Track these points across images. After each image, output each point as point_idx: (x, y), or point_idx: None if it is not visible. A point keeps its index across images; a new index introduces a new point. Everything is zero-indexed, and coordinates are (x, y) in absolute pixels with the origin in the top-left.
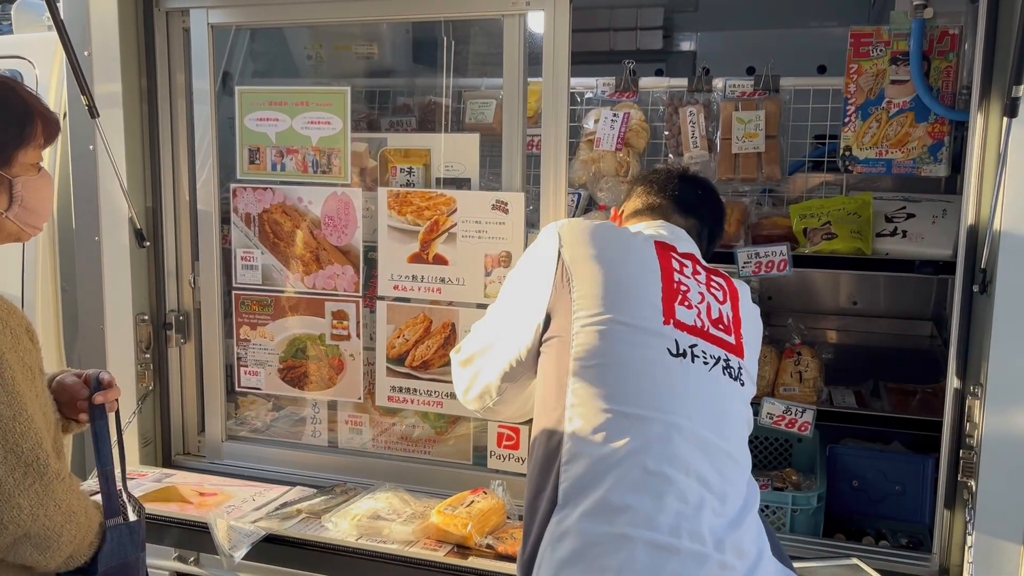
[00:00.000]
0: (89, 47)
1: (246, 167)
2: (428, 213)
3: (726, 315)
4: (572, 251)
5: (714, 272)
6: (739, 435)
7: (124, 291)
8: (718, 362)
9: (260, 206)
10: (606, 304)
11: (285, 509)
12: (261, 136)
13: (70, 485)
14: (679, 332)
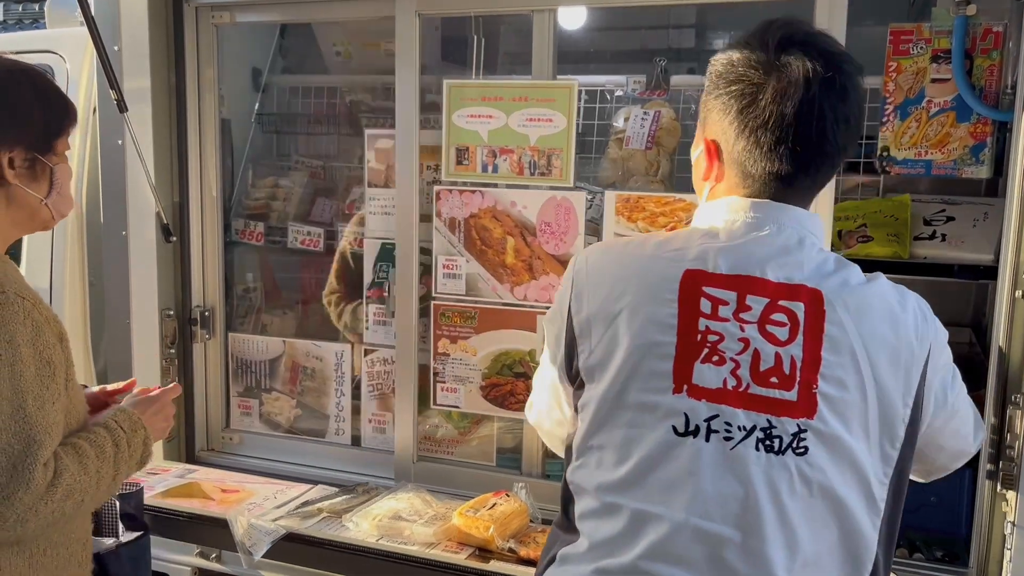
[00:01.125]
0: (119, 42)
1: (452, 168)
2: (663, 220)
3: (788, 360)
4: (579, 305)
5: (794, 290)
6: (806, 536)
7: (150, 286)
8: (750, 434)
9: (467, 210)
10: (607, 377)
11: (306, 508)
12: (471, 134)
13: (66, 481)
14: (693, 401)
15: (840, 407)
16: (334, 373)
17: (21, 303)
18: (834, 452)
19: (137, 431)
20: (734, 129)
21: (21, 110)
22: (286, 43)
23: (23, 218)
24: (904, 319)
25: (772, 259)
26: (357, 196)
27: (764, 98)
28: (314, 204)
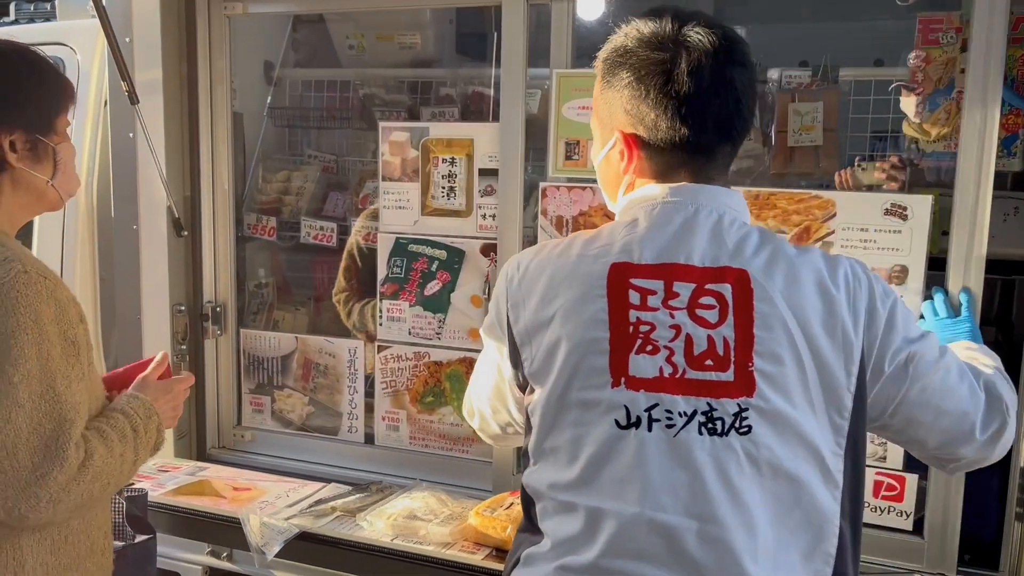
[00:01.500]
0: (130, 33)
1: (560, 163)
2: (797, 218)
3: (721, 341)
4: (516, 314)
5: (720, 273)
6: (764, 516)
7: (161, 281)
8: (691, 419)
9: (576, 208)
10: (551, 380)
11: (319, 506)
12: (583, 127)
13: (96, 463)
14: (632, 393)
15: (779, 382)
16: (347, 370)
17: (44, 282)
18: (779, 428)
19: (151, 418)
20: (654, 110)
21: (17, 91)
22: (298, 36)
23: (31, 201)
24: (836, 286)
25: (695, 242)
26: (371, 190)
27: (679, 71)
28: (327, 199)
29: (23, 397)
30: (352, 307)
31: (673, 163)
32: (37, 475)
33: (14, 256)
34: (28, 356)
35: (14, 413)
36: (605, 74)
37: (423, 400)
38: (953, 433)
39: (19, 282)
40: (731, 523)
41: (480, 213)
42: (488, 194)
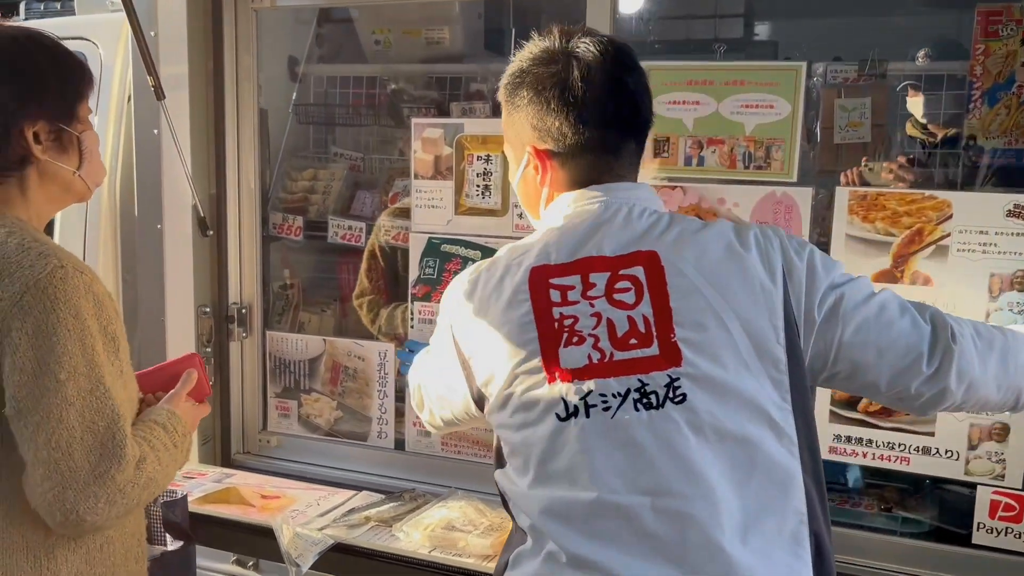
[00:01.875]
0: (155, 27)
1: (649, 160)
2: (908, 220)
3: (641, 319)
4: (461, 334)
5: (631, 258)
6: (723, 483)
7: (186, 282)
8: (626, 398)
9: (665, 208)
10: (496, 389)
11: (352, 516)
12: (674, 123)
13: (149, 467)
14: (566, 384)
15: (706, 347)
16: (377, 373)
17: (81, 276)
18: (715, 392)
19: (186, 437)
20: (557, 119)
21: (37, 80)
22: (323, 31)
23: (58, 193)
24: (746, 247)
25: (605, 235)
26: (400, 189)
27: (573, 79)
28: (354, 198)
29: (72, 395)
30: (379, 312)
31: (584, 167)
32: (95, 474)
33: (50, 251)
34: (73, 352)
35: (65, 412)
36: (507, 98)
37: None
38: (901, 368)
39: (57, 277)
40: (686, 493)
41: (517, 212)
42: None
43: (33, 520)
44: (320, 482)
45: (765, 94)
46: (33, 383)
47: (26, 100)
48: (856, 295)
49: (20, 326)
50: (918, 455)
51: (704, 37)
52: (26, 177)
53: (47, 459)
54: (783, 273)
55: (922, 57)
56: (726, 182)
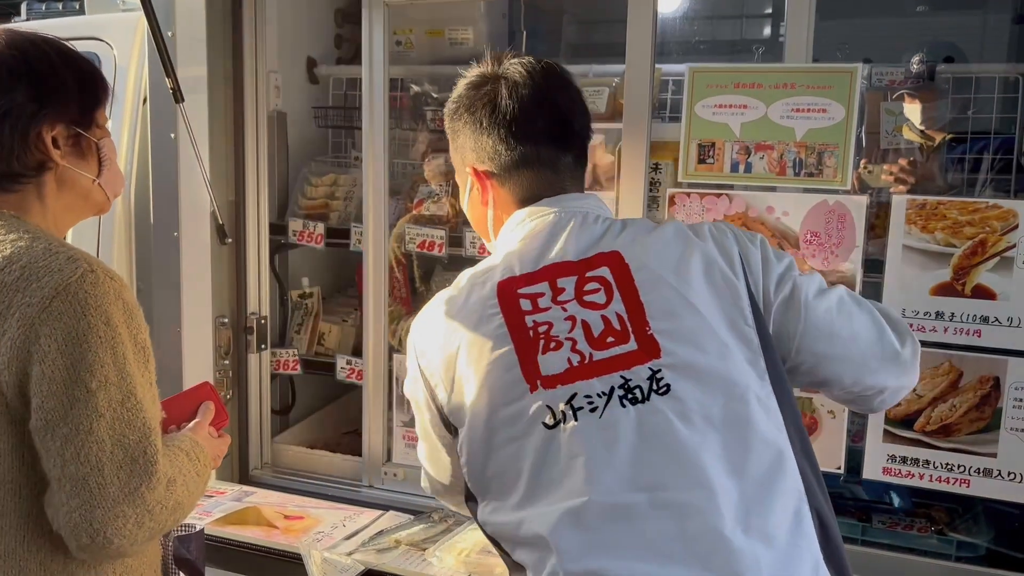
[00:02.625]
0: (173, 27)
1: (692, 167)
2: (970, 230)
3: (614, 317)
4: (428, 361)
5: (595, 260)
6: (718, 470)
7: (203, 292)
8: (611, 396)
9: (710, 216)
10: (471, 409)
11: (382, 539)
12: (720, 128)
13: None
14: (550, 391)
15: (682, 335)
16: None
17: (111, 282)
18: (698, 378)
19: (208, 467)
20: (491, 138)
21: (56, 83)
22: (342, 32)
23: (76, 202)
24: (702, 238)
25: (565, 242)
26: (425, 195)
27: (502, 96)
28: None
29: (103, 406)
30: (399, 323)
31: (524, 183)
32: (125, 492)
33: (79, 255)
34: (104, 361)
35: (95, 424)
36: (449, 125)
37: None
38: (867, 360)
39: (87, 282)
40: (682, 484)
41: None
42: None
43: (52, 546)
44: (339, 499)
45: (817, 97)
46: (63, 393)
47: (45, 102)
48: (812, 286)
49: (50, 332)
50: (979, 477)
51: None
52: (44, 184)
53: (75, 474)
54: (741, 260)
55: (916, 63)
56: (775, 190)
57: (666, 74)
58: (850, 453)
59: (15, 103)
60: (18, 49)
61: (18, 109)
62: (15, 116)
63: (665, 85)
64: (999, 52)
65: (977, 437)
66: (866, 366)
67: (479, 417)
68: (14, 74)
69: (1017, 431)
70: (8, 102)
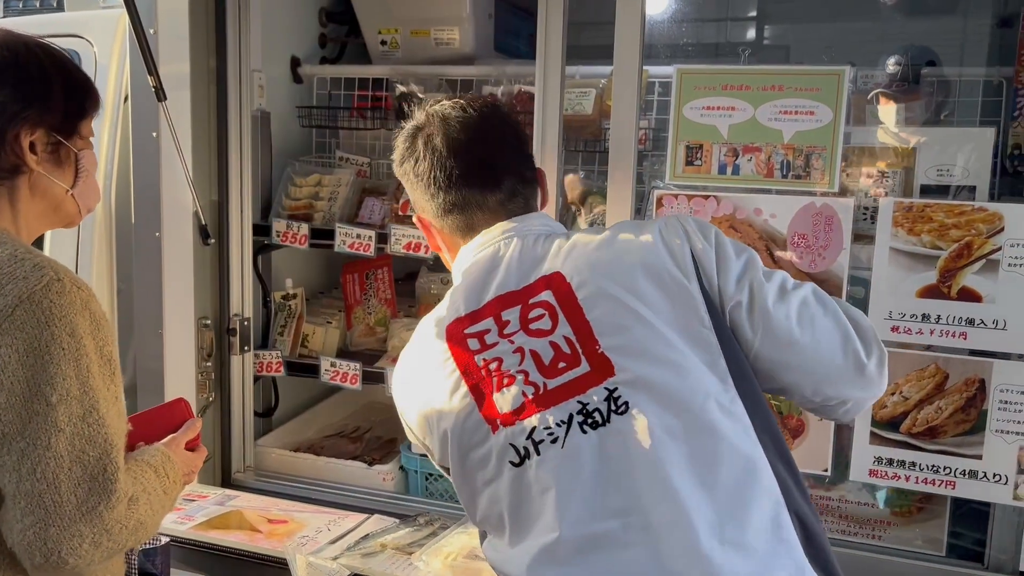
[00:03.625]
0: (155, 24)
1: (680, 168)
2: (956, 233)
3: (563, 341)
4: (415, 427)
5: (536, 286)
6: (689, 486)
7: (186, 293)
8: (570, 424)
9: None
10: (448, 457)
11: (367, 543)
12: (707, 130)
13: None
14: (510, 429)
15: (634, 348)
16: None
17: (78, 292)
18: (656, 392)
19: (177, 483)
20: (419, 189)
21: (42, 87)
22: (327, 31)
23: (47, 211)
24: (646, 237)
25: (506, 272)
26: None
27: (418, 152)
28: (362, 204)
29: (63, 420)
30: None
31: (457, 225)
32: (82, 511)
33: (45, 263)
34: (66, 374)
35: (54, 439)
36: (400, 177)
37: None
38: (830, 369)
39: (52, 291)
40: (652, 504)
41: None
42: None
43: (11, 563)
44: (326, 503)
45: (805, 100)
46: (22, 406)
47: (28, 105)
48: (772, 288)
49: (11, 343)
50: (964, 479)
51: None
52: (16, 188)
53: (30, 491)
54: (693, 260)
55: (892, 65)
56: (762, 191)
57: (653, 76)
58: None
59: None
60: (9, 50)
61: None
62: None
63: (652, 87)
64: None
65: (963, 439)
66: (827, 377)
67: (457, 465)
68: (2, 74)
69: (1002, 433)
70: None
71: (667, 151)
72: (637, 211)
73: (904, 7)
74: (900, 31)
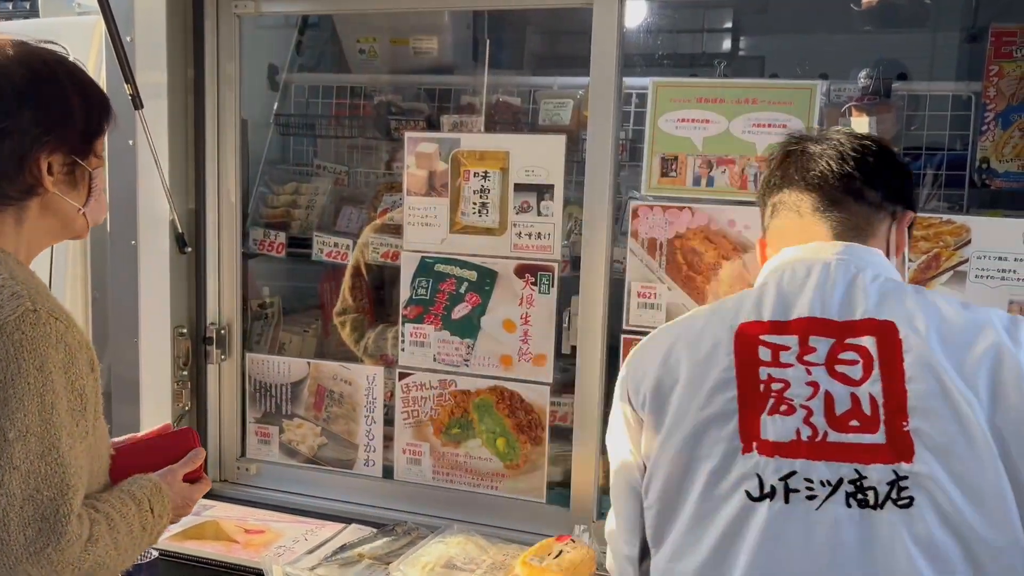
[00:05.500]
0: (132, 32)
1: (655, 180)
2: (925, 245)
3: (867, 398)
4: (635, 382)
5: (860, 326)
6: None
7: (162, 301)
8: (836, 488)
9: (672, 230)
10: (671, 451)
11: (344, 553)
12: (682, 142)
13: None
14: (764, 459)
15: (943, 446)
16: (364, 398)
17: (54, 323)
18: (951, 502)
19: (163, 517)
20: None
21: (62, 110)
22: (305, 39)
23: (56, 228)
24: (993, 331)
25: (829, 296)
26: (389, 204)
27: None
28: (339, 213)
29: (19, 457)
30: (363, 331)
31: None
32: (30, 551)
33: (23, 291)
34: (28, 409)
35: (8, 476)
36: None
37: (448, 432)
38: None
39: (25, 322)
40: None
41: (515, 231)
42: (524, 211)
43: None
44: (304, 513)
45: (778, 113)
46: None
47: (48, 128)
48: None
49: None
50: None
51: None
52: (26, 208)
53: None
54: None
55: (863, 77)
56: (736, 203)
57: (630, 87)
58: None
59: (18, 126)
60: (28, 68)
61: (20, 133)
62: (16, 139)
63: (629, 98)
64: (950, 70)
65: None
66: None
67: (679, 463)
68: (22, 96)
69: None
70: (11, 124)
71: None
72: (616, 221)
73: (877, 21)
74: (873, 44)
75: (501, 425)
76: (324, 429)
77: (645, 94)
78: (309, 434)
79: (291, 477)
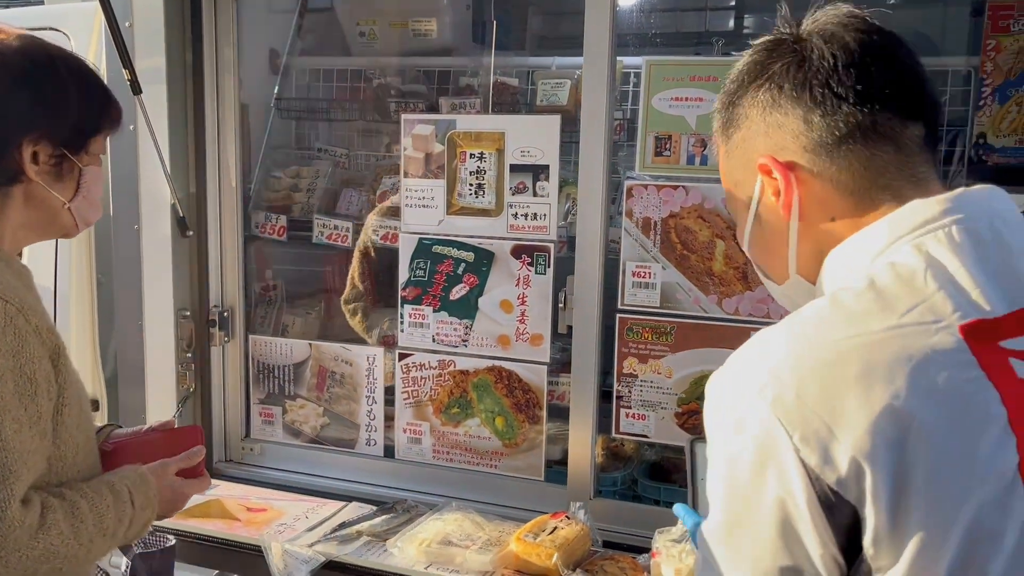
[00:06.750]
0: (131, 17)
1: (649, 160)
2: None
3: None
4: (823, 453)
5: None
6: None
7: (165, 285)
8: None
9: (666, 209)
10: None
11: (343, 531)
12: (676, 121)
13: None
14: None
15: None
16: (365, 379)
17: (3, 307)
18: None
19: (146, 509)
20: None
21: (55, 100)
22: (305, 22)
23: (40, 221)
24: None
25: (1010, 273)
26: (389, 187)
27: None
28: (340, 196)
29: None
30: (369, 316)
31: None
32: None
33: None
34: None
35: None
36: (725, 117)
37: (448, 411)
38: None
39: None
40: None
41: (511, 212)
42: (520, 191)
43: None
44: (306, 492)
45: None
46: None
47: (37, 115)
48: None
49: None
50: None
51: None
52: (10, 195)
53: None
54: None
55: None
56: None
57: (628, 66)
58: None
59: (4, 110)
60: (29, 58)
61: (4, 116)
62: (1, 123)
63: (627, 77)
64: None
65: None
66: None
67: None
68: (15, 81)
69: None
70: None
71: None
72: (612, 202)
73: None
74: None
75: (500, 404)
76: (326, 409)
77: None
78: (311, 414)
79: (294, 457)
